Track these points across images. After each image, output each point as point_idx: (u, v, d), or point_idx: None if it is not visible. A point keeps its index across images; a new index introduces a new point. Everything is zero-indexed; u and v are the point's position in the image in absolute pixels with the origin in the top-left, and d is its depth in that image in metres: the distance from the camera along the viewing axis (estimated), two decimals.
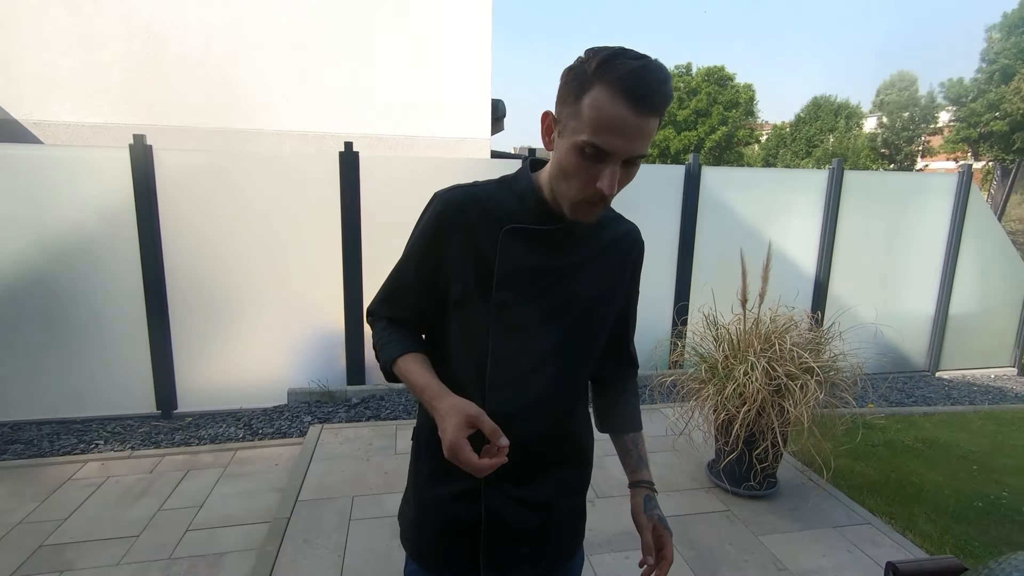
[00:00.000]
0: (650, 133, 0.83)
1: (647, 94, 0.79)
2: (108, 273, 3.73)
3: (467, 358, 0.98)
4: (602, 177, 0.83)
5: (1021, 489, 3.13)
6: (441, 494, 1.01)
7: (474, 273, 0.95)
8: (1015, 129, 22.18)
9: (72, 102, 6.08)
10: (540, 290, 0.96)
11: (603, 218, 1.03)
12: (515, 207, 0.96)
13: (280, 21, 6.33)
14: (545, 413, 0.99)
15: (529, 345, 0.96)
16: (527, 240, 0.95)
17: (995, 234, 5.28)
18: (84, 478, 3.07)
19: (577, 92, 0.83)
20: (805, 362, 2.64)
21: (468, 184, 0.99)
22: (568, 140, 0.85)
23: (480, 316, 0.95)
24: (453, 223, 0.95)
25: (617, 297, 1.07)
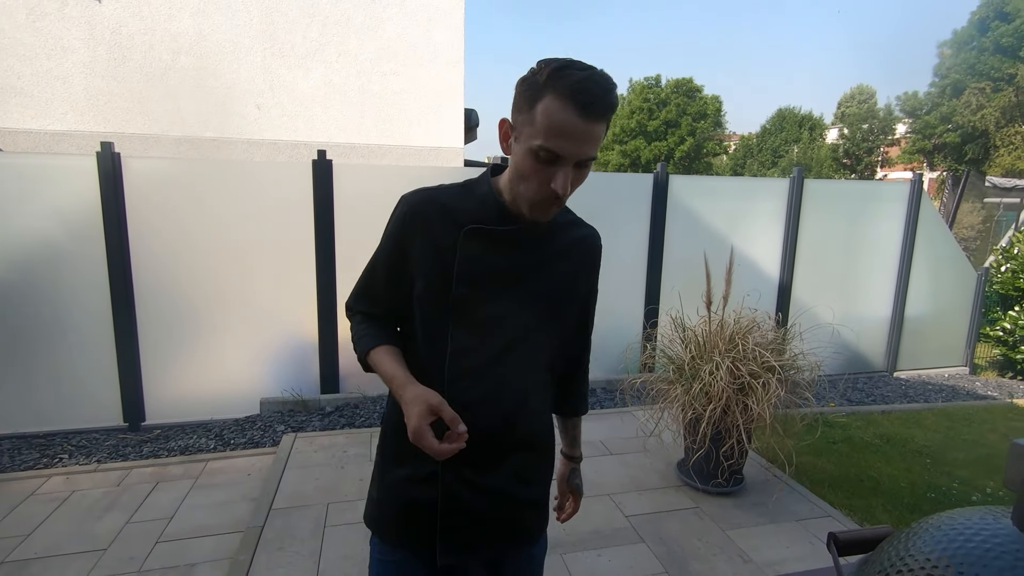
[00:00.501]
0: (598, 137, 0.91)
1: (594, 102, 0.88)
2: (73, 283, 3.65)
3: (431, 349, 1.04)
4: (556, 178, 0.92)
5: (970, 480, 3.31)
6: (402, 476, 1.07)
7: (436, 270, 1.01)
8: (966, 140, 23.29)
9: (35, 109, 5.94)
10: (498, 288, 1.02)
11: (562, 221, 1.09)
12: (476, 209, 1.02)
13: (250, 29, 6.30)
14: (502, 403, 1.04)
15: (487, 339, 1.02)
16: (486, 240, 1.01)
17: (946, 240, 5.56)
18: (48, 493, 3.00)
19: (530, 100, 0.91)
20: (767, 361, 2.76)
21: (433, 187, 1.06)
22: (523, 145, 0.93)
23: (441, 310, 1.02)
24: (416, 223, 1.02)
25: (578, 296, 1.13)
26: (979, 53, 23.72)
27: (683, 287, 4.40)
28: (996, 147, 22.98)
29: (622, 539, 2.60)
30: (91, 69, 6.08)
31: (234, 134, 6.52)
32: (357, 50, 6.69)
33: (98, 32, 6.06)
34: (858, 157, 31.08)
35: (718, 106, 33.14)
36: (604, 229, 1.18)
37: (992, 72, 23.18)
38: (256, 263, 3.96)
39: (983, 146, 23.28)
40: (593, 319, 1.25)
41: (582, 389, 1.30)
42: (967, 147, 23.49)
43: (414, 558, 1.08)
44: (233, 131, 6.55)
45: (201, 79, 6.36)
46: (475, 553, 1.08)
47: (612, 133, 34.09)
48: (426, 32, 6.74)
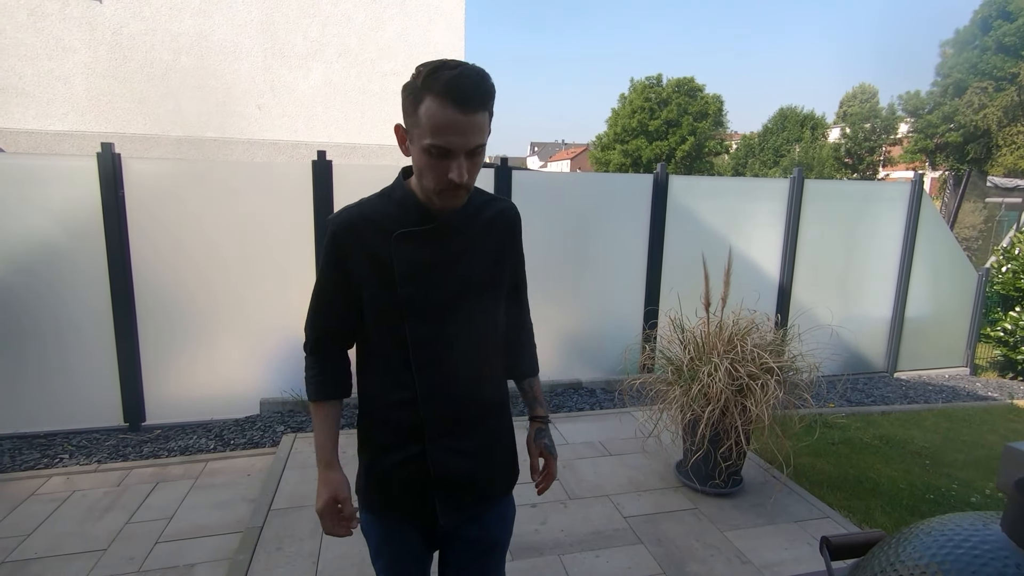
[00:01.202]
0: (482, 126, 1.01)
1: (468, 96, 0.97)
2: (74, 284, 3.67)
3: (391, 349, 1.15)
4: (451, 170, 1.02)
5: (969, 481, 3.30)
6: (396, 460, 1.19)
7: (379, 278, 1.12)
8: (968, 140, 23.24)
9: (36, 109, 5.95)
10: (438, 280, 1.13)
11: (478, 202, 1.20)
12: (398, 214, 1.13)
13: (250, 29, 6.31)
14: (464, 380, 1.18)
15: (439, 326, 1.14)
16: (415, 240, 1.11)
17: (946, 240, 5.55)
18: (48, 493, 3.01)
19: (414, 104, 1.01)
20: (766, 363, 2.76)
21: (354, 204, 1.16)
22: (417, 145, 1.03)
23: (394, 310, 1.12)
24: (348, 241, 1.12)
25: (505, 268, 1.23)
26: (981, 52, 23.66)
27: (683, 288, 4.40)
28: (998, 146, 22.93)
29: (620, 540, 2.61)
30: (92, 69, 6.09)
31: (235, 134, 6.53)
32: (358, 50, 6.69)
33: (99, 33, 6.06)
34: (860, 156, 31.02)
35: (719, 105, 33.09)
36: (603, 229, 1.22)
37: (994, 71, 23.12)
38: (256, 263, 3.97)
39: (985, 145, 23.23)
40: (526, 282, 1.36)
41: (529, 350, 1.40)
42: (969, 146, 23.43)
43: (414, 530, 1.23)
44: (234, 131, 6.56)
45: (202, 79, 6.37)
46: (468, 510, 1.22)
47: (613, 132, 34.08)
48: (426, 32, 6.74)
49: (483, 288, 1.18)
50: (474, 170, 1.05)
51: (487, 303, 1.20)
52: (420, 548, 1.25)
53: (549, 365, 4.73)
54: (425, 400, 1.15)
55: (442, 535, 1.24)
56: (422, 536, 1.23)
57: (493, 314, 1.22)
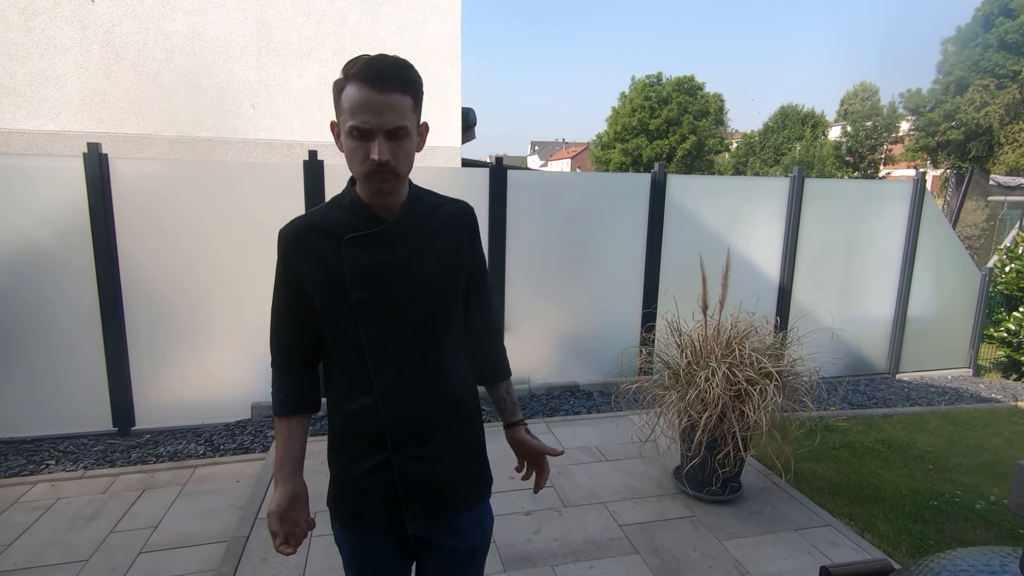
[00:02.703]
0: (400, 107, 1.02)
1: (380, 75, 1.00)
2: (61, 286, 3.60)
3: (350, 350, 1.14)
4: (372, 150, 1.02)
5: (974, 487, 3.23)
6: (360, 471, 1.17)
7: (330, 285, 1.12)
8: (970, 138, 23.14)
9: (28, 109, 5.89)
10: (390, 282, 1.12)
11: (430, 204, 1.19)
12: (347, 219, 1.13)
13: (244, 27, 6.24)
14: (424, 382, 1.16)
15: (395, 328, 1.13)
16: (365, 243, 1.11)
17: (949, 239, 5.47)
18: (32, 501, 2.95)
19: (338, 95, 1.06)
20: (765, 367, 2.69)
21: (304, 214, 1.17)
22: (343, 132, 1.06)
23: (348, 316, 1.12)
24: (298, 251, 1.13)
25: (461, 267, 1.21)
26: (983, 50, 23.53)
27: (681, 289, 4.33)
28: (1000, 144, 22.82)
29: (616, 550, 2.54)
30: (84, 69, 6.02)
31: (229, 134, 6.46)
32: (353, 49, 6.62)
33: (91, 31, 6.00)
34: (861, 155, 30.90)
35: (720, 104, 32.98)
36: (601, 230, 1.16)
37: (996, 69, 22.99)
38: (247, 265, 3.91)
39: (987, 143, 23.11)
40: (487, 282, 1.32)
41: (497, 353, 1.36)
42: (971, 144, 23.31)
43: (387, 540, 1.20)
44: (228, 131, 6.49)
45: (195, 78, 6.30)
46: (437, 517, 1.20)
47: (614, 131, 33.99)
48: (423, 30, 6.67)
49: (439, 289, 1.17)
50: (399, 152, 1.05)
51: (444, 304, 1.19)
52: (394, 558, 1.23)
53: (546, 367, 4.66)
54: (385, 402, 1.14)
55: (417, 544, 1.23)
56: (396, 546, 1.21)
57: (451, 315, 1.21)
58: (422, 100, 1.12)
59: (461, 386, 1.24)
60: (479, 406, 1.28)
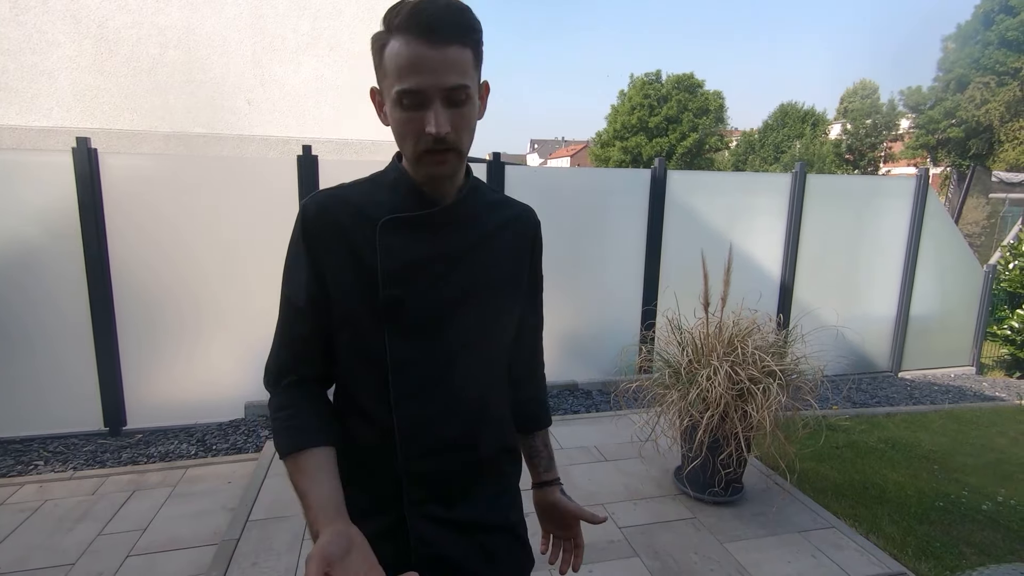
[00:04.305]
0: (457, 63, 0.79)
1: (434, 24, 0.78)
2: (50, 283, 3.53)
3: (368, 368, 0.88)
4: (427, 121, 0.80)
5: (980, 487, 3.17)
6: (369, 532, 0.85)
7: (357, 278, 0.87)
8: (970, 136, 23.07)
9: (20, 105, 5.81)
10: (432, 281, 0.88)
11: (491, 200, 0.98)
12: (389, 199, 0.89)
13: (239, 22, 6.16)
14: (463, 416, 0.91)
15: (431, 345, 0.88)
16: (408, 229, 0.88)
17: (952, 236, 5.41)
18: (19, 502, 2.88)
19: (380, 54, 0.83)
20: (767, 366, 2.63)
21: (335, 186, 0.92)
22: (388, 101, 0.83)
23: (371, 322, 0.87)
24: (322, 231, 0.88)
25: (518, 284, 0.98)
26: (983, 47, 23.45)
27: (682, 286, 4.26)
28: (1000, 142, 22.75)
29: (615, 553, 2.48)
30: (77, 64, 5.95)
31: (224, 130, 6.39)
32: (349, 44, 6.56)
33: (84, 26, 5.92)
34: (861, 153, 30.83)
35: (720, 102, 32.89)
36: (600, 226, 1.05)
37: (996, 66, 22.92)
38: (240, 262, 3.84)
39: (987, 141, 23.04)
40: (542, 313, 1.10)
41: (540, 395, 1.12)
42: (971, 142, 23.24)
43: None
44: (223, 127, 6.42)
45: (190, 74, 6.23)
46: None
47: (613, 129, 33.90)
48: None
49: (494, 302, 0.93)
50: (460, 122, 0.82)
51: (498, 322, 0.94)
52: None
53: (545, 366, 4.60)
54: (406, 444, 0.87)
55: None
56: None
57: (503, 338, 0.96)
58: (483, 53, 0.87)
59: (505, 434, 0.99)
60: (521, 463, 1.05)
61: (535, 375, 1.13)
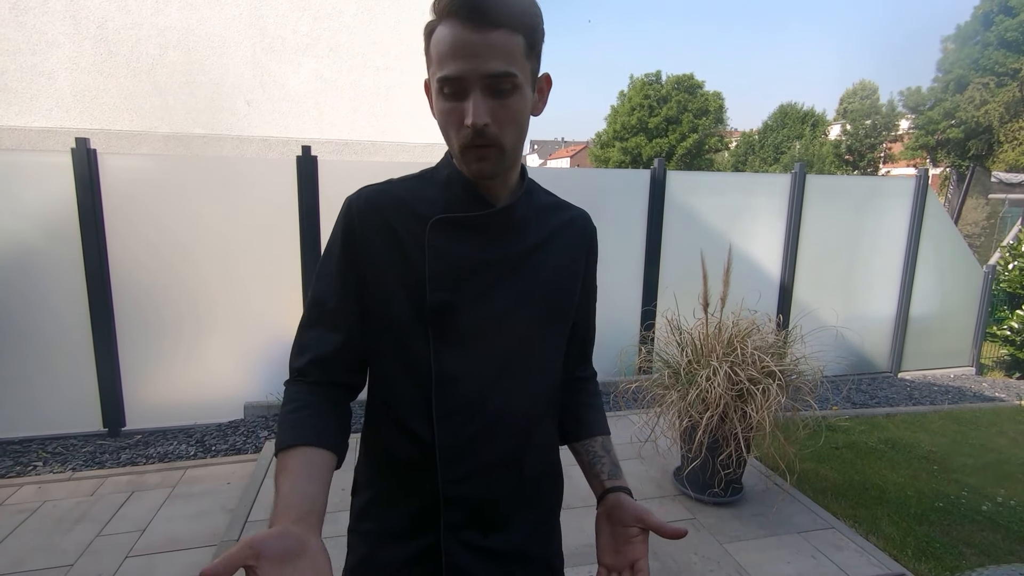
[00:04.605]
0: (502, 48, 0.73)
1: (479, 5, 0.72)
2: (50, 284, 3.53)
3: (404, 382, 0.83)
4: (466, 112, 0.74)
5: (980, 488, 3.17)
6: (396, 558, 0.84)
7: (402, 280, 0.82)
8: (969, 136, 23.08)
9: (19, 105, 5.81)
10: (483, 287, 0.82)
11: (545, 202, 0.93)
12: (440, 197, 0.85)
13: (239, 23, 6.17)
14: (508, 436, 0.84)
15: (479, 356, 0.82)
16: (459, 230, 0.82)
17: (951, 237, 5.41)
18: (18, 503, 2.88)
19: (428, 41, 0.78)
20: (767, 366, 2.63)
21: (383, 181, 0.88)
22: (433, 91, 0.79)
23: (416, 330, 0.81)
24: (367, 228, 0.83)
25: (571, 294, 0.92)
26: (983, 48, 23.46)
27: (681, 287, 4.26)
28: (1000, 143, 22.76)
29: None
30: (76, 64, 5.95)
31: (223, 130, 6.39)
32: (349, 44, 6.56)
33: (83, 27, 5.93)
34: (861, 153, 30.84)
35: (720, 102, 32.90)
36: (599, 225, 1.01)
37: (996, 67, 22.93)
38: (240, 262, 3.84)
39: (987, 142, 23.05)
40: (594, 323, 1.05)
41: (595, 401, 1.04)
42: (970, 143, 23.25)
43: None
44: (222, 127, 6.42)
45: (189, 74, 6.23)
46: None
47: (613, 130, 33.91)
48: (420, 25, 6.58)
49: (551, 311, 0.88)
50: (503, 114, 0.75)
51: (548, 328, 0.88)
52: None
53: None
54: (446, 465, 0.81)
55: None
56: None
57: (555, 347, 0.91)
58: (541, 42, 0.80)
59: (550, 458, 0.94)
60: (562, 488, 0.98)
61: (588, 380, 1.06)
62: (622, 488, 0.89)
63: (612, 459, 0.95)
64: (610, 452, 0.97)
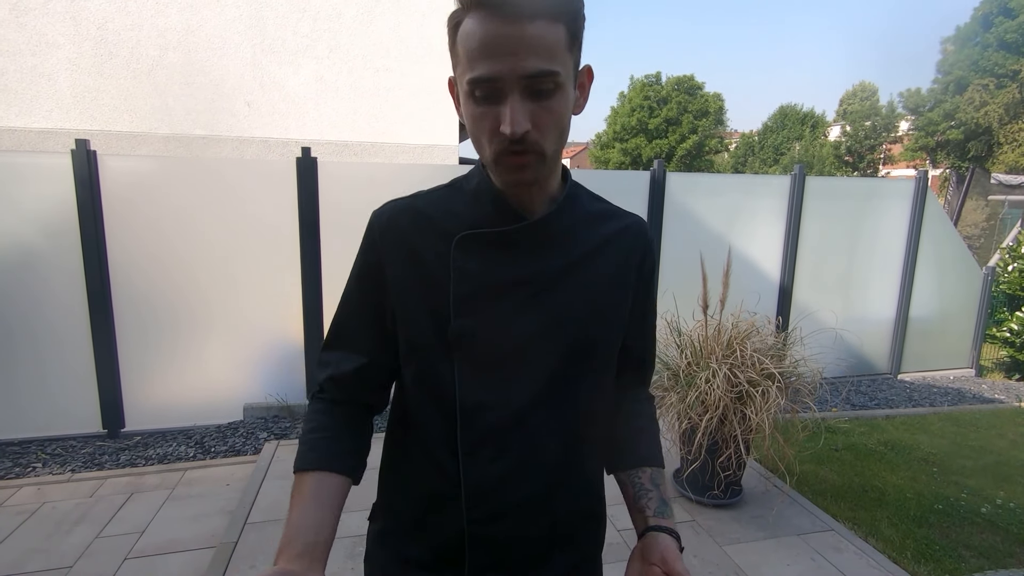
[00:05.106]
0: (542, 43, 0.65)
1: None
2: (49, 285, 3.53)
3: (434, 410, 0.77)
4: (503, 118, 0.66)
5: (979, 490, 3.17)
6: None
7: (426, 303, 0.76)
8: (969, 137, 23.10)
9: (19, 106, 5.82)
10: (514, 309, 0.75)
11: (591, 211, 0.84)
12: (469, 211, 0.78)
13: (239, 24, 6.17)
14: (541, 473, 0.77)
15: (509, 385, 0.75)
16: (489, 247, 0.76)
17: (951, 238, 5.42)
18: (17, 504, 2.88)
19: (453, 35, 0.70)
20: (766, 368, 2.63)
21: (410, 195, 0.82)
22: (461, 93, 0.71)
23: (440, 355, 0.75)
24: (390, 245, 0.78)
25: (620, 312, 0.84)
26: (983, 49, 23.50)
27: (681, 288, 4.26)
28: (999, 144, 22.78)
29: (613, 556, 2.47)
30: (76, 65, 5.95)
31: (224, 132, 6.40)
32: (349, 46, 6.56)
33: (83, 28, 5.93)
34: (860, 154, 30.86)
35: (720, 104, 32.93)
36: None
37: (996, 68, 22.96)
38: (239, 264, 3.84)
39: (986, 143, 23.08)
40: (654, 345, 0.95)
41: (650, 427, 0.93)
42: (970, 144, 23.27)
43: None
44: (223, 128, 6.42)
45: (189, 76, 6.23)
46: None
47: (612, 131, 33.93)
48: (419, 27, 6.60)
49: (589, 337, 0.79)
50: (545, 118, 0.68)
51: (591, 353, 0.80)
52: None
53: None
54: (473, 504, 0.75)
55: None
56: None
57: (600, 382, 0.82)
58: (583, 31, 0.71)
59: (589, 497, 0.85)
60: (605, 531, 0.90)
61: (641, 399, 0.96)
62: (667, 529, 0.80)
63: (661, 494, 0.86)
64: (659, 487, 0.87)
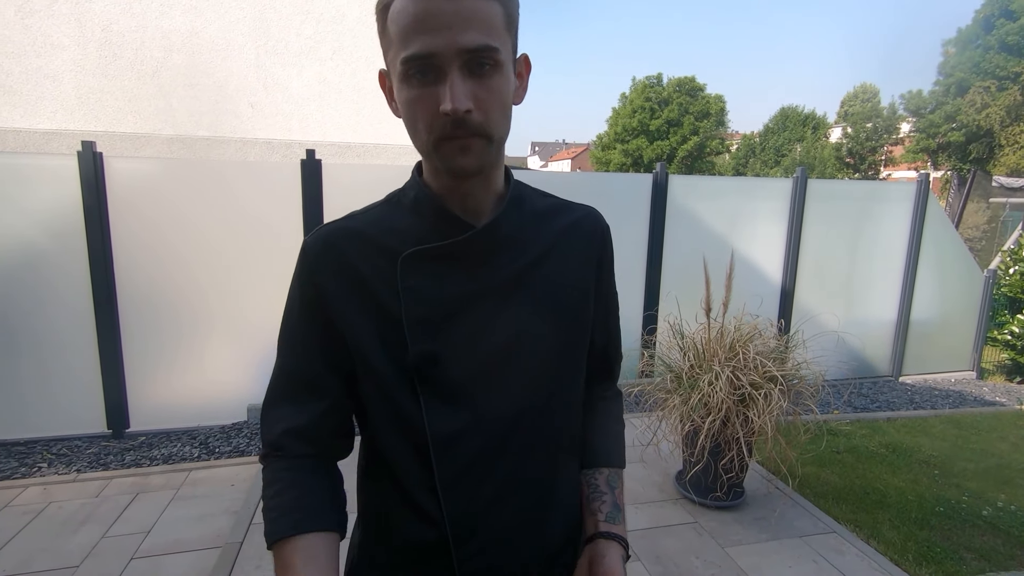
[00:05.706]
0: (479, 17, 0.61)
1: None
2: (55, 286, 3.55)
3: (400, 445, 0.72)
4: (442, 97, 0.61)
5: (980, 493, 3.18)
6: None
7: (380, 332, 0.70)
8: (970, 140, 23.11)
9: (24, 107, 5.85)
10: (474, 326, 0.70)
11: (540, 208, 0.79)
12: (411, 225, 0.72)
13: (243, 26, 6.20)
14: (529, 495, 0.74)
15: (482, 408, 0.70)
16: (437, 262, 0.70)
17: (953, 241, 5.43)
18: (23, 504, 2.90)
19: (383, 18, 0.65)
20: (769, 371, 2.64)
21: (343, 216, 0.76)
22: (395, 78, 0.66)
23: (404, 386, 0.70)
24: (329, 273, 0.71)
25: (586, 309, 0.79)
26: (984, 51, 23.51)
27: (683, 291, 4.28)
28: (1001, 146, 22.79)
29: None
30: (81, 67, 5.98)
31: (227, 133, 6.42)
32: (352, 47, 6.59)
33: (88, 29, 5.96)
34: (862, 156, 30.88)
35: (721, 105, 32.95)
36: None
37: (997, 71, 22.98)
38: (244, 265, 3.86)
39: (988, 145, 23.09)
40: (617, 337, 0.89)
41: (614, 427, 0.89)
42: (971, 146, 23.29)
43: None
44: (226, 130, 6.45)
45: (193, 77, 6.26)
46: None
47: (614, 132, 33.96)
48: None
49: (556, 333, 0.74)
50: (487, 96, 0.63)
51: (564, 358, 0.75)
52: None
53: None
54: (459, 540, 0.70)
55: None
56: None
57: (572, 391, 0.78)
58: (518, 16, 0.67)
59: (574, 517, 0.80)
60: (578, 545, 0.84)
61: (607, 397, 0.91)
62: (615, 536, 0.78)
63: (615, 499, 0.82)
64: (615, 490, 0.82)
